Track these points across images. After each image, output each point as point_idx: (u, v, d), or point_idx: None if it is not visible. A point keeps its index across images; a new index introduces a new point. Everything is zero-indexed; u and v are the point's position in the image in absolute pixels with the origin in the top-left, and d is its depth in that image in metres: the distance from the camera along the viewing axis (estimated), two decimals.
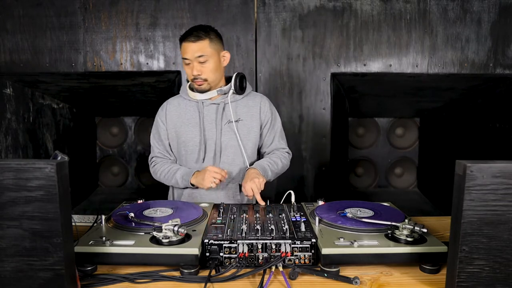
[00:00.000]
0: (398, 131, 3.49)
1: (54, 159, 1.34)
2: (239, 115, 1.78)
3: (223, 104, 1.76)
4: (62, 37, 2.52)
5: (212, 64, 1.68)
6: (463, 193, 0.89)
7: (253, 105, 1.81)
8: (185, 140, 1.78)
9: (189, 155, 1.79)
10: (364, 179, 3.57)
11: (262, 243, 1.14)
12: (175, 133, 1.80)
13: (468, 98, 2.90)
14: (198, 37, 1.65)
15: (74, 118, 3.18)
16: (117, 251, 1.11)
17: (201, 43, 1.65)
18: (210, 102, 1.77)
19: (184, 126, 1.78)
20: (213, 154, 1.77)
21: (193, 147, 1.78)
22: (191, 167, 1.79)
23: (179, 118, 1.80)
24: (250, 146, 1.80)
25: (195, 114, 1.78)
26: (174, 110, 1.81)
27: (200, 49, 1.65)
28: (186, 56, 1.67)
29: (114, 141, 3.53)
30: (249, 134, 1.80)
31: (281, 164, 1.82)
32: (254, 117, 1.80)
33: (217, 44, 1.70)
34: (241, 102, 1.80)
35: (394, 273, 1.12)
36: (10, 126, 2.55)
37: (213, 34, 1.70)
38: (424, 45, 2.54)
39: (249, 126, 1.79)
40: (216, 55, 1.69)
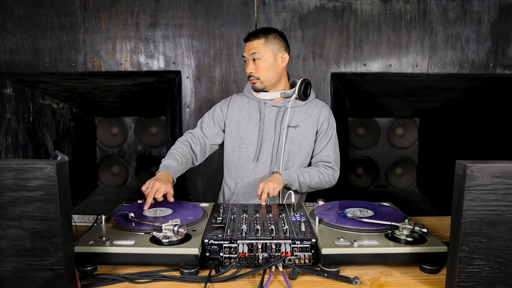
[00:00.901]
0: (398, 131, 3.49)
1: (54, 159, 1.35)
2: (298, 122, 1.78)
3: (284, 108, 1.77)
4: (62, 37, 2.52)
5: (265, 63, 1.70)
6: (463, 193, 0.89)
7: (313, 113, 1.80)
8: (243, 137, 1.79)
9: (244, 152, 1.79)
10: (364, 179, 3.57)
11: (262, 243, 1.14)
12: (235, 128, 1.81)
13: (468, 98, 2.90)
14: (256, 36, 1.71)
15: (74, 118, 3.18)
16: (117, 251, 1.11)
17: (256, 41, 1.70)
18: (272, 104, 1.78)
19: (245, 122, 1.80)
20: (269, 156, 1.77)
21: (250, 145, 1.79)
22: (245, 164, 1.80)
23: (240, 114, 1.81)
24: (302, 154, 1.79)
25: (256, 113, 1.80)
26: (237, 106, 1.83)
27: (254, 47, 1.70)
28: (244, 54, 1.75)
29: (114, 141, 3.52)
30: (304, 141, 1.78)
31: (317, 180, 1.74)
32: (312, 126, 1.79)
33: (275, 44, 1.72)
34: (302, 109, 1.80)
35: (394, 273, 1.12)
36: (10, 126, 2.55)
37: (273, 35, 1.72)
38: (424, 45, 2.54)
39: (305, 134, 1.78)
40: (270, 54, 1.71)
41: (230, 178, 1.87)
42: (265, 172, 1.78)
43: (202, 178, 2.70)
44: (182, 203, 1.53)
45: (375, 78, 2.65)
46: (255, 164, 1.78)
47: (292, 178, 1.69)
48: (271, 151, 1.77)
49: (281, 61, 1.75)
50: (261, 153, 1.78)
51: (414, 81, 2.68)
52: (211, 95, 2.61)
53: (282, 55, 1.75)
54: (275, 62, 1.73)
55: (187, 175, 2.71)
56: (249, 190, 1.81)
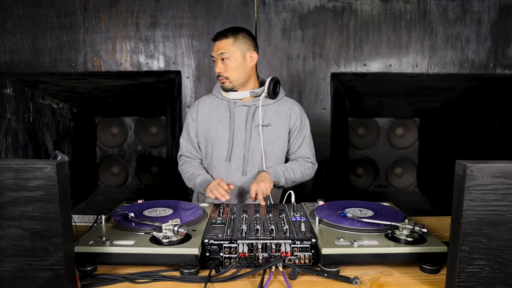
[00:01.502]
0: (398, 131, 3.49)
1: (54, 159, 1.35)
2: (269, 120, 1.78)
3: (254, 107, 1.77)
4: (62, 37, 2.52)
5: (234, 62, 1.70)
6: (463, 193, 0.89)
7: (284, 111, 1.80)
8: (214, 138, 1.79)
9: (216, 153, 1.79)
10: (364, 179, 3.57)
11: (262, 243, 1.14)
12: (205, 130, 1.81)
13: (468, 98, 2.90)
14: (224, 35, 1.71)
15: (74, 118, 3.18)
16: (117, 251, 1.11)
17: (225, 41, 1.70)
18: (242, 103, 1.78)
19: (215, 123, 1.80)
20: (241, 156, 1.77)
21: (221, 146, 1.78)
22: (217, 165, 1.80)
23: (210, 115, 1.81)
24: (277, 152, 1.80)
25: (226, 114, 1.79)
26: (206, 108, 1.83)
27: (222, 47, 1.70)
28: (212, 53, 1.75)
29: (114, 141, 3.52)
30: (277, 139, 1.79)
31: (300, 174, 1.79)
32: (283, 123, 1.80)
33: (243, 44, 1.72)
34: (272, 107, 1.80)
35: (394, 273, 1.12)
36: (10, 126, 2.55)
37: (242, 35, 1.73)
38: (424, 45, 2.54)
39: (278, 132, 1.79)
40: (238, 54, 1.71)
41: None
42: (238, 172, 1.78)
43: None
44: (182, 203, 1.53)
45: (375, 78, 2.65)
46: (227, 165, 1.78)
47: (279, 175, 1.72)
48: (242, 151, 1.77)
49: (250, 60, 1.75)
50: (233, 153, 1.77)
51: (414, 81, 2.68)
52: None
53: (251, 55, 1.75)
54: (244, 61, 1.73)
55: None
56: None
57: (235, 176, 1.78)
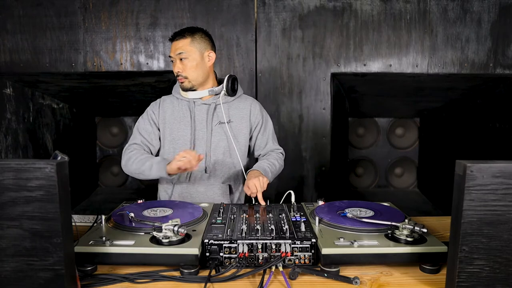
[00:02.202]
0: (398, 131, 3.49)
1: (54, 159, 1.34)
2: (230, 117, 1.80)
3: (214, 105, 1.78)
4: (62, 37, 2.52)
5: (192, 62, 1.70)
6: (463, 193, 0.89)
7: (244, 108, 1.83)
8: (175, 137, 1.79)
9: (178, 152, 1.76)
10: (364, 179, 3.57)
11: (262, 243, 1.14)
12: (167, 130, 1.81)
13: (468, 98, 2.90)
14: (181, 35, 1.71)
15: (74, 118, 3.18)
16: (117, 251, 1.11)
17: (182, 41, 1.70)
18: (202, 102, 1.79)
19: (176, 123, 1.80)
20: (203, 154, 1.77)
21: (183, 145, 1.78)
22: None
23: (172, 115, 1.81)
24: (239, 148, 1.82)
25: (186, 113, 1.79)
26: (168, 107, 1.83)
27: (180, 47, 1.70)
28: (170, 54, 1.74)
29: (114, 141, 3.53)
30: (238, 136, 1.81)
31: (278, 165, 1.85)
32: (244, 120, 1.82)
33: (201, 43, 1.72)
34: (232, 104, 1.82)
35: (394, 273, 1.12)
36: (10, 126, 2.55)
37: (199, 34, 1.73)
38: (424, 45, 2.54)
39: (239, 128, 1.81)
40: (196, 53, 1.71)
41: (166, 180, 1.84)
42: (200, 169, 1.78)
43: None
44: (182, 203, 1.53)
45: (375, 78, 2.65)
46: None
47: (266, 171, 1.74)
48: (204, 149, 1.77)
49: (208, 59, 1.76)
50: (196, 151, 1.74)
51: (414, 81, 2.68)
52: None
53: (209, 54, 1.75)
54: (202, 61, 1.73)
55: None
56: (186, 191, 1.80)
57: (199, 174, 1.79)
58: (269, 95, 2.62)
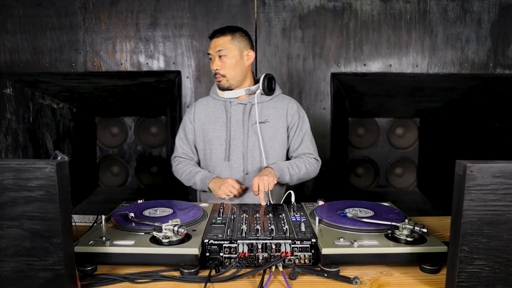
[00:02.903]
0: (398, 131, 3.49)
1: (54, 159, 1.34)
2: (266, 117, 1.77)
3: (250, 105, 1.77)
4: (62, 37, 2.52)
5: (231, 60, 1.71)
6: (463, 193, 0.89)
7: (281, 107, 1.80)
8: (211, 138, 1.79)
9: (215, 153, 1.79)
10: (364, 179, 3.57)
11: (262, 243, 1.14)
12: (202, 131, 1.81)
13: (468, 98, 2.90)
14: (221, 33, 1.72)
15: (74, 118, 3.18)
16: (117, 251, 1.11)
17: (222, 38, 1.71)
18: (238, 102, 1.78)
19: (211, 124, 1.79)
20: (240, 155, 1.77)
21: (219, 146, 1.78)
22: (217, 166, 1.79)
23: (206, 116, 1.81)
24: (276, 148, 1.79)
25: (222, 113, 1.79)
26: (203, 109, 1.83)
27: (220, 44, 1.71)
28: (209, 51, 1.75)
29: (114, 141, 3.52)
30: (275, 136, 1.78)
31: (304, 170, 1.77)
32: (281, 119, 1.79)
33: (241, 42, 1.73)
34: (269, 104, 1.80)
35: (394, 273, 1.12)
36: (10, 126, 2.55)
37: (239, 33, 1.74)
38: (424, 45, 2.54)
39: (276, 128, 1.78)
40: (236, 51, 1.71)
41: None
42: (239, 171, 1.78)
43: None
44: (182, 203, 1.53)
45: (375, 78, 2.65)
46: (227, 164, 1.78)
47: (283, 171, 1.70)
48: (241, 149, 1.76)
49: (246, 59, 1.76)
50: (231, 152, 1.77)
51: (414, 81, 2.68)
52: None
53: (248, 53, 1.76)
54: (241, 59, 1.73)
55: None
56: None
57: (236, 175, 1.78)
58: None
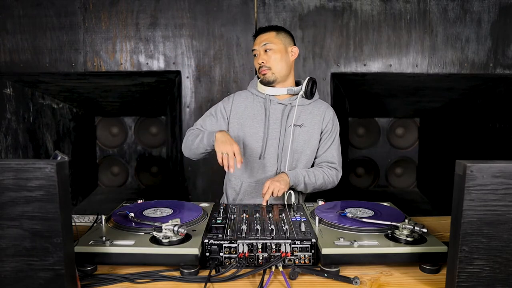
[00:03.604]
0: (398, 131, 3.49)
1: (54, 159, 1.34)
2: (303, 121, 1.77)
3: (289, 106, 1.76)
4: (62, 37, 2.52)
5: (277, 53, 1.73)
6: (463, 193, 0.89)
7: (318, 113, 1.80)
8: (247, 134, 1.77)
9: (249, 149, 1.77)
10: (364, 179, 3.57)
11: (262, 243, 1.14)
12: (239, 125, 1.79)
13: (468, 98, 2.90)
14: (267, 29, 1.78)
15: (74, 118, 3.18)
16: (117, 251, 1.11)
17: (268, 34, 1.75)
18: (277, 101, 1.77)
19: (249, 119, 1.78)
20: (275, 154, 1.76)
21: (255, 142, 1.77)
22: (250, 162, 1.78)
23: (245, 110, 1.80)
24: (308, 153, 1.79)
25: (261, 110, 1.78)
26: (241, 102, 1.82)
27: (266, 39, 1.74)
28: (255, 47, 1.77)
29: (114, 141, 3.52)
30: (309, 141, 1.78)
31: (322, 181, 1.74)
32: (317, 125, 1.79)
33: (285, 38, 1.77)
34: (307, 108, 1.79)
35: (394, 273, 1.12)
36: (10, 126, 2.55)
37: (282, 30, 1.79)
38: (424, 45, 2.54)
39: (311, 133, 1.78)
40: (281, 46, 1.74)
41: (234, 177, 1.83)
42: (272, 170, 1.77)
43: (202, 178, 2.70)
44: (182, 203, 1.53)
45: (375, 78, 2.65)
46: (261, 162, 1.77)
47: (298, 179, 1.68)
48: (276, 149, 1.76)
49: (291, 54, 1.78)
50: (267, 150, 1.76)
51: (414, 81, 2.68)
52: (211, 95, 2.61)
53: (292, 49, 1.78)
54: (286, 54, 1.76)
55: (187, 175, 2.70)
56: (255, 189, 1.79)
57: (269, 174, 1.77)
58: None
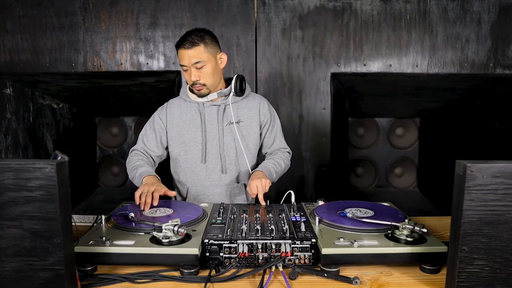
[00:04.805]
0: (398, 131, 3.49)
1: (54, 159, 1.34)
2: (240, 117, 1.79)
3: (223, 106, 1.77)
4: (62, 37, 2.52)
5: (209, 68, 1.67)
6: (463, 193, 0.89)
7: (253, 107, 1.82)
8: (186, 140, 1.79)
9: (190, 155, 1.79)
10: (364, 179, 3.57)
11: (262, 243, 1.14)
12: (177, 132, 1.80)
13: (468, 98, 2.90)
14: (193, 43, 1.62)
15: (74, 118, 3.18)
16: (117, 251, 1.11)
17: (196, 49, 1.63)
18: (211, 104, 1.78)
19: (186, 126, 1.79)
20: (217, 155, 1.78)
21: (195, 147, 1.78)
22: (193, 167, 1.79)
23: (180, 118, 1.80)
24: (251, 147, 1.82)
25: (196, 115, 1.79)
26: (176, 110, 1.82)
27: (195, 55, 1.63)
28: (183, 63, 1.66)
29: (114, 141, 3.52)
30: (249, 135, 1.81)
31: (284, 165, 1.84)
32: (254, 118, 1.81)
33: (213, 47, 1.68)
34: (241, 104, 1.81)
35: (394, 273, 1.12)
36: (10, 126, 2.55)
37: (208, 38, 1.67)
38: (424, 45, 2.54)
39: (250, 127, 1.80)
40: (212, 59, 1.68)
41: (180, 183, 1.85)
42: (216, 171, 1.78)
43: None
44: (182, 203, 1.53)
45: (375, 78, 2.65)
46: (204, 166, 1.78)
47: (271, 172, 1.74)
48: (218, 150, 1.77)
49: (220, 62, 1.74)
50: (208, 153, 1.78)
51: (414, 81, 2.68)
52: None
53: (221, 56, 1.73)
54: (216, 65, 1.71)
55: None
56: (202, 192, 1.80)
57: (214, 175, 1.79)
58: (269, 95, 2.62)
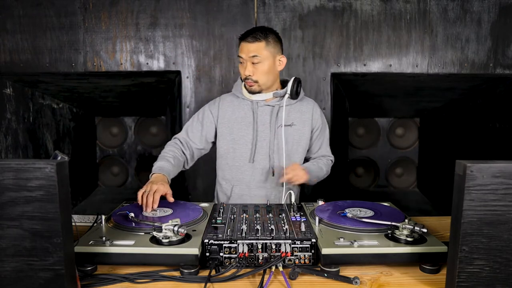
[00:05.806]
0: (398, 131, 3.49)
1: (54, 159, 1.34)
2: (292, 120, 1.78)
3: (277, 107, 1.76)
4: (62, 37, 2.52)
5: (265, 66, 1.68)
6: (463, 193, 0.89)
7: (306, 111, 1.81)
8: (236, 138, 1.77)
9: (238, 153, 1.78)
10: (364, 179, 3.57)
11: (262, 243, 1.14)
12: (228, 129, 1.79)
13: (468, 98, 2.90)
14: (256, 38, 1.66)
15: (74, 118, 3.18)
16: (117, 251, 1.11)
17: (257, 44, 1.65)
18: (265, 103, 1.77)
19: (237, 123, 1.78)
20: (266, 156, 1.76)
21: (244, 146, 1.77)
22: (241, 166, 1.78)
23: (232, 114, 1.79)
24: (300, 152, 1.81)
25: (249, 113, 1.78)
26: (228, 106, 1.81)
27: (255, 50, 1.65)
28: (241, 54, 1.68)
29: (114, 141, 3.52)
30: (300, 139, 1.80)
31: (325, 171, 1.85)
32: (307, 123, 1.80)
33: (274, 47, 1.70)
34: (294, 107, 1.79)
35: (394, 273, 1.12)
36: (10, 126, 2.55)
37: (271, 37, 1.69)
38: (424, 45, 2.54)
39: (302, 132, 1.79)
40: (271, 58, 1.69)
41: (225, 181, 1.84)
42: (263, 172, 1.77)
43: (202, 178, 2.70)
44: (182, 203, 1.53)
45: (375, 78, 2.65)
46: (251, 165, 1.77)
47: (312, 175, 1.73)
48: (267, 151, 1.76)
49: (278, 64, 1.74)
50: (257, 153, 1.77)
51: (414, 81, 2.68)
52: (211, 95, 2.60)
53: (280, 59, 1.74)
54: (273, 65, 1.71)
55: (187, 175, 2.70)
56: (246, 193, 1.79)
57: (260, 176, 1.78)
58: None
